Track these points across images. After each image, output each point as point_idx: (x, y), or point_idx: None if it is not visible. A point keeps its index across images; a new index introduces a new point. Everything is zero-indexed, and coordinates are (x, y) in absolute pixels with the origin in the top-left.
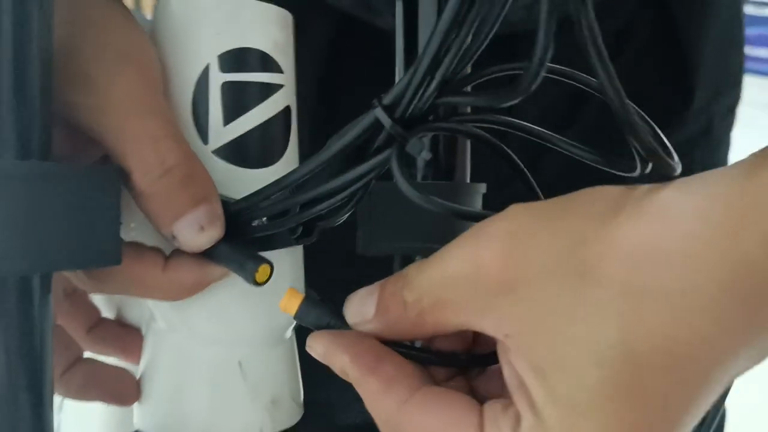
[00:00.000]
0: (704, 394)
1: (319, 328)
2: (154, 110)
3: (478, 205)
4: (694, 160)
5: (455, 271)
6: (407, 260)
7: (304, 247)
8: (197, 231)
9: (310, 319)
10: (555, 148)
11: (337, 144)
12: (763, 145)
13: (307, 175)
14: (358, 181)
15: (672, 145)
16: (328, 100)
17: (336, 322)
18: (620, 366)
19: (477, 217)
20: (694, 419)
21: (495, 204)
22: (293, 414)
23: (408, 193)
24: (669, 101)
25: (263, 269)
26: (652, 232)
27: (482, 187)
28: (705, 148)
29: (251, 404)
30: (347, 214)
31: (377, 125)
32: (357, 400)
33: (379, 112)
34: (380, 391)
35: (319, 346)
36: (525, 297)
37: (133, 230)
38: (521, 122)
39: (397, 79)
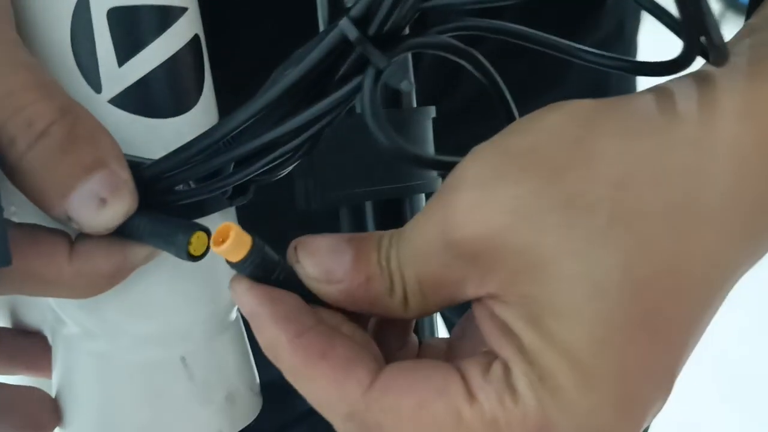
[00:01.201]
0: (709, 313)
1: (264, 282)
2: (4, 59)
3: (429, 132)
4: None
5: (429, 239)
6: (357, 211)
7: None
8: (97, 206)
9: (256, 271)
10: (561, 56)
11: (289, 76)
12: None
13: (248, 122)
14: (316, 124)
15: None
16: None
17: (288, 277)
18: (621, 296)
19: (448, 166)
20: (697, 341)
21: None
22: (253, 406)
23: (382, 139)
24: (582, 1)
25: (198, 238)
26: (640, 147)
27: (432, 111)
28: (618, 50)
29: (203, 407)
30: (292, 167)
31: (342, 45)
32: None
33: (346, 26)
34: (337, 379)
35: (246, 299)
36: (506, 246)
37: (14, 214)
38: (517, 26)
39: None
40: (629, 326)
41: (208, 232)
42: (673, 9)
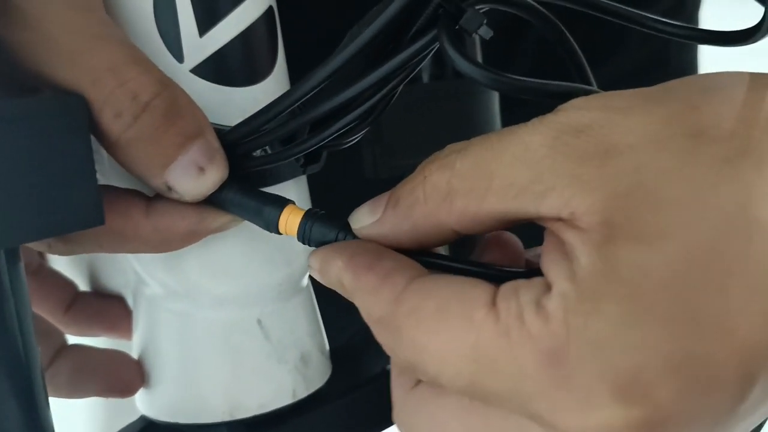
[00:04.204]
0: None
1: None
2: (102, 35)
3: (496, 103)
4: (669, 51)
5: (530, 141)
6: None
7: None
8: (197, 174)
9: (315, 237)
10: (639, 28)
11: (364, 34)
12: None
13: (324, 82)
14: (391, 80)
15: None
16: None
17: (347, 236)
18: (730, 238)
19: (570, 93)
20: None
21: None
22: (324, 369)
23: (473, 73)
24: None
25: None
26: None
27: None
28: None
29: (279, 366)
30: (364, 132)
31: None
32: None
33: None
34: (375, 286)
35: (315, 260)
36: (618, 165)
37: (98, 181)
38: None
39: None
40: (721, 271)
41: (294, 204)
42: None
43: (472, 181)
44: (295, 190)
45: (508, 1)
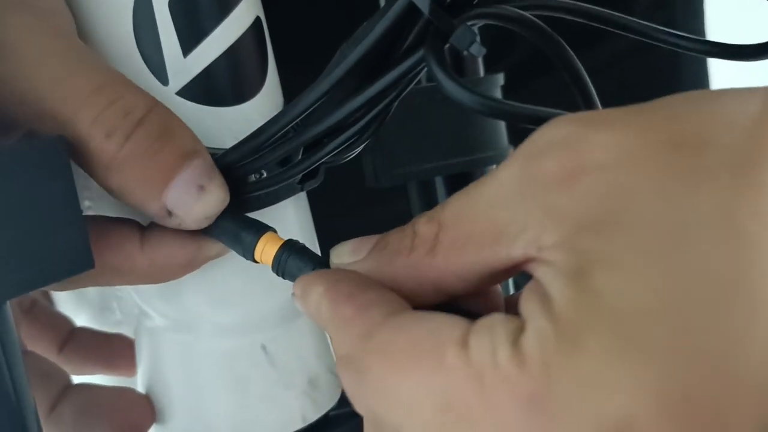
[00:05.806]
0: None
1: None
2: (85, 59)
3: None
4: (676, 17)
5: (503, 176)
6: (426, 186)
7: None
8: (197, 193)
9: (290, 271)
10: (649, 41)
11: (354, 53)
12: None
13: (316, 104)
14: (384, 98)
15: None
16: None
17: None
18: (718, 256)
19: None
20: None
21: None
22: (334, 389)
23: (461, 97)
24: None
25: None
26: None
27: (500, 79)
28: (684, 2)
29: (287, 392)
30: (362, 147)
31: (408, 15)
32: None
33: None
34: (349, 318)
35: (298, 286)
36: (586, 189)
37: (89, 209)
38: (582, 4)
39: None
40: (716, 296)
41: (275, 233)
42: None
43: (454, 231)
44: (293, 206)
45: (504, 16)
